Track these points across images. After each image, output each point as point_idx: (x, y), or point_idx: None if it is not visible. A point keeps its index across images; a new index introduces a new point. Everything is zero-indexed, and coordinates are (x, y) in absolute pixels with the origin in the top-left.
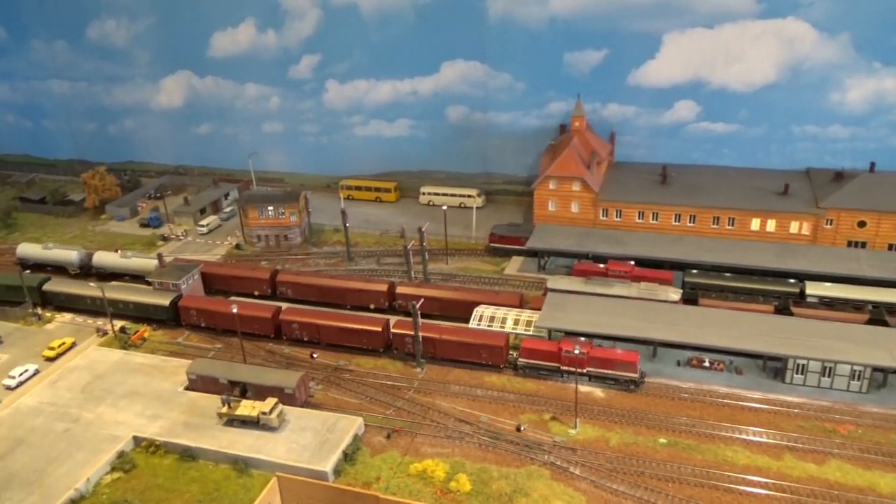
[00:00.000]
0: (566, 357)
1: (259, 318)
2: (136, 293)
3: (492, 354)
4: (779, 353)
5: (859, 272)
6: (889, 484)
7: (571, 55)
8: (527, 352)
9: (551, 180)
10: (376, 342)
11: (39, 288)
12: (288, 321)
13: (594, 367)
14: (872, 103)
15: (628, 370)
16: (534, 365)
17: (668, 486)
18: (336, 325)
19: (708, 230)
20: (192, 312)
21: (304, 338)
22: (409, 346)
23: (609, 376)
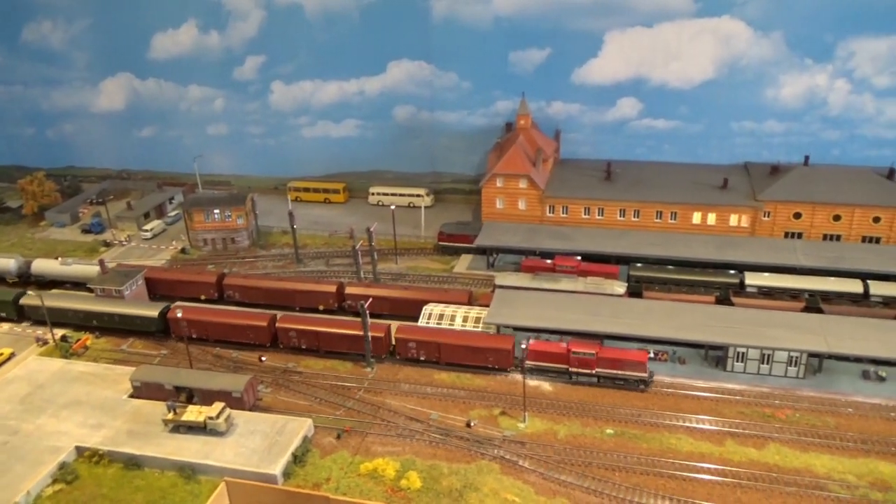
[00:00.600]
0: (575, 358)
1: (254, 327)
2: (122, 305)
3: (498, 358)
4: (719, 342)
5: (795, 262)
6: (824, 464)
7: (516, 54)
8: (534, 354)
9: (498, 178)
10: (378, 348)
11: (15, 302)
12: (285, 329)
13: (603, 368)
14: (805, 99)
15: (638, 370)
16: (542, 368)
17: (614, 476)
18: (335, 332)
19: (652, 224)
20: (182, 324)
21: (301, 346)
22: (412, 350)
23: (618, 377)
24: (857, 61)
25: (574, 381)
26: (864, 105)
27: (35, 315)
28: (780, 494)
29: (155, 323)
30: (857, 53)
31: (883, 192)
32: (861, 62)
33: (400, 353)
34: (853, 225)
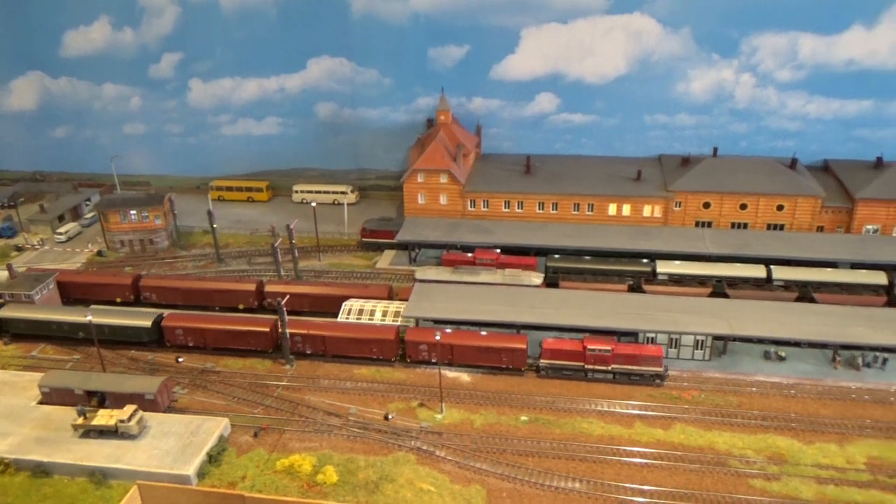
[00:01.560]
0: (591, 356)
1: (255, 333)
2: (113, 315)
3: (513, 358)
4: (629, 328)
5: (704, 250)
6: (726, 441)
7: (435, 50)
8: (549, 352)
9: (419, 174)
10: (388, 351)
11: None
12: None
13: (619, 364)
14: (713, 93)
15: (654, 365)
16: (557, 366)
17: (528, 461)
18: (343, 336)
19: (569, 216)
20: (177, 332)
21: (307, 350)
22: (423, 353)
23: (634, 372)
24: (760, 56)
25: (590, 378)
26: (768, 98)
27: (14, 328)
28: (684, 472)
29: (148, 333)
30: (760, 49)
31: (786, 181)
32: (764, 57)
33: (410, 355)
34: (759, 213)
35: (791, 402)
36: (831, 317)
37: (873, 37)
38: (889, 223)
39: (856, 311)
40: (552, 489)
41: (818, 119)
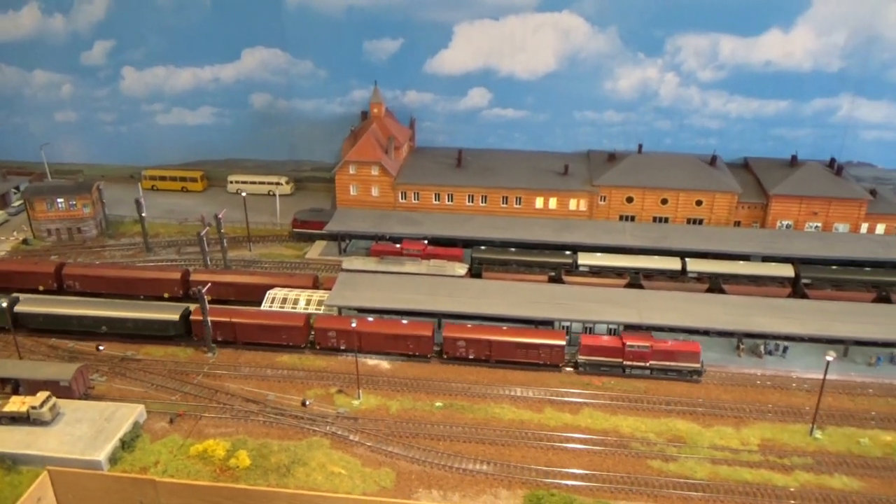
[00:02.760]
0: (630, 352)
1: (289, 328)
2: (138, 309)
3: (551, 354)
4: (546, 316)
5: (624, 242)
6: (630, 425)
7: (370, 43)
8: (587, 349)
9: (351, 165)
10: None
11: (10, 309)
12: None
13: (657, 360)
14: (639, 90)
15: (691, 360)
16: (595, 362)
17: (439, 445)
18: (382, 333)
19: (498, 209)
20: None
21: (340, 346)
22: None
23: (672, 368)
24: (683, 56)
25: (627, 374)
26: (691, 97)
27: (33, 323)
28: (588, 453)
29: (175, 326)
30: (683, 49)
31: (705, 177)
32: (687, 57)
33: (448, 351)
34: (679, 208)
35: (695, 388)
36: (737, 307)
37: (789, 40)
38: (801, 218)
39: (761, 301)
40: (460, 471)
41: (738, 118)
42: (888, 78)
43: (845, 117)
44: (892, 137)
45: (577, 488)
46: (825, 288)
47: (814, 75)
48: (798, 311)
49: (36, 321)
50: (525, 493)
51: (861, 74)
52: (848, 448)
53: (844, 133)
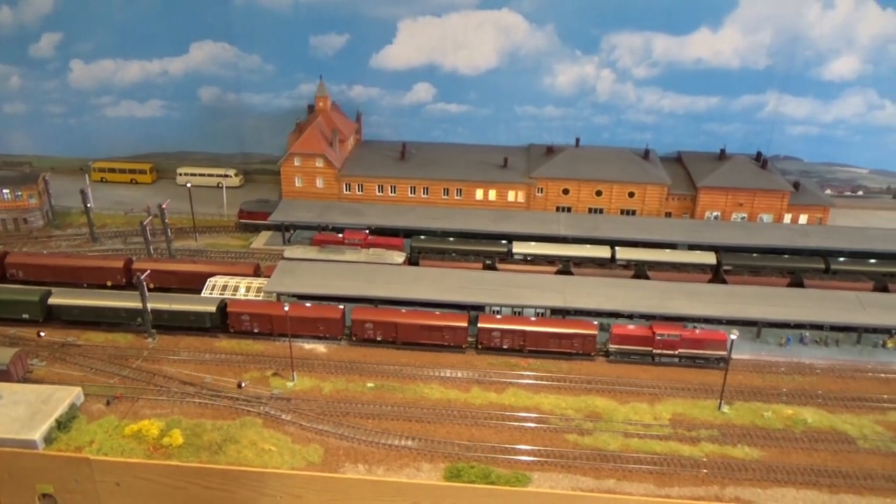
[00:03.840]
0: (660, 341)
1: (326, 320)
2: (173, 301)
3: (584, 343)
4: (476, 301)
5: (557, 232)
6: (551, 402)
7: (316, 38)
8: (618, 338)
9: (295, 157)
10: (459, 338)
11: (42, 302)
12: (360, 321)
13: (686, 349)
14: (577, 86)
15: (719, 348)
16: (626, 350)
17: (367, 423)
18: (417, 323)
19: (440, 201)
20: (243, 318)
21: (377, 337)
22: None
23: (700, 356)
24: (618, 54)
25: (657, 363)
26: (627, 93)
27: (66, 315)
28: (509, 429)
29: (211, 318)
30: (618, 47)
31: (637, 170)
32: (622, 54)
33: (483, 342)
34: (612, 199)
35: (615, 368)
36: (658, 292)
37: (718, 39)
38: (728, 209)
39: (681, 286)
40: (386, 446)
41: (671, 113)
42: (811, 75)
43: (772, 113)
44: (816, 132)
45: (496, 461)
46: (744, 274)
47: (742, 72)
48: (715, 295)
49: (70, 313)
50: (446, 465)
51: (786, 72)
52: (752, 421)
53: (772, 128)
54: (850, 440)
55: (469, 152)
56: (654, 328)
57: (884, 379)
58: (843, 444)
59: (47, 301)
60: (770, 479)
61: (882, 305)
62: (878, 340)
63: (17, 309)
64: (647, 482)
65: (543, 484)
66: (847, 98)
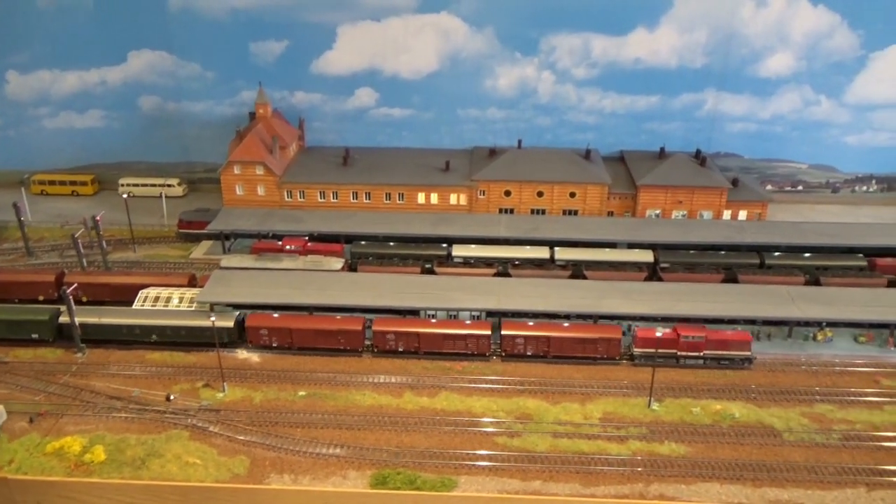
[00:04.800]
0: (685, 343)
1: (346, 332)
2: (191, 317)
3: (608, 347)
4: (410, 306)
5: (498, 234)
6: (483, 405)
7: (256, 45)
8: (642, 341)
9: (235, 165)
10: (483, 346)
11: (53, 321)
12: (382, 332)
13: (711, 350)
14: (519, 88)
15: (743, 349)
16: (650, 354)
17: (296, 432)
18: (437, 332)
19: (382, 205)
20: (261, 332)
21: (398, 348)
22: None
23: (724, 357)
24: (558, 55)
25: (681, 365)
26: (567, 94)
27: None
28: (439, 433)
29: (229, 333)
30: (557, 48)
31: (578, 170)
32: (561, 56)
33: (506, 349)
34: (554, 200)
35: (549, 368)
36: (593, 291)
37: (655, 39)
38: (668, 207)
39: (617, 285)
40: (313, 455)
41: (612, 113)
42: (747, 73)
43: (711, 111)
44: (754, 129)
45: (424, 466)
46: (679, 271)
47: (680, 71)
48: (648, 293)
49: (82, 332)
50: (373, 472)
51: (723, 70)
52: (681, 417)
53: (712, 126)
54: (776, 433)
55: (412, 156)
56: (678, 330)
57: (813, 371)
58: (769, 438)
59: (58, 319)
60: (694, 475)
61: (811, 299)
62: (808, 334)
63: (25, 329)
64: (573, 482)
65: (470, 488)
66: (783, 95)
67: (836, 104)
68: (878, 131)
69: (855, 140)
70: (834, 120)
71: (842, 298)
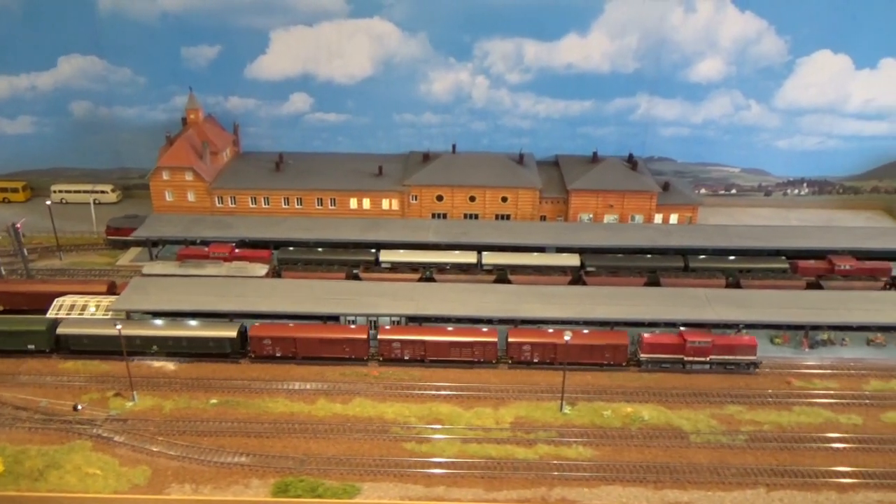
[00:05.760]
0: (691, 348)
1: (352, 341)
2: (191, 327)
3: (615, 354)
4: (331, 312)
5: (426, 239)
6: (395, 411)
7: (188, 50)
8: (649, 346)
9: (164, 171)
10: (489, 354)
11: (51, 332)
12: (388, 340)
13: (718, 355)
14: (453, 93)
15: (749, 354)
16: (656, 359)
17: (202, 441)
18: (446, 340)
19: (314, 211)
20: (265, 342)
21: (405, 356)
22: (527, 354)
23: (730, 362)
24: (491, 60)
25: (688, 370)
26: (502, 99)
27: (76, 345)
28: (347, 440)
29: (232, 343)
30: (490, 53)
31: (511, 175)
32: (495, 61)
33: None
34: (486, 205)
35: (467, 373)
36: (513, 295)
37: (587, 44)
38: (599, 211)
39: (536, 289)
40: (217, 464)
41: (547, 118)
42: (679, 78)
43: (644, 115)
44: (687, 133)
45: (329, 473)
46: (603, 275)
47: (612, 76)
48: (569, 297)
49: (80, 343)
50: (276, 481)
51: (655, 75)
52: (592, 420)
53: (645, 130)
54: (683, 435)
55: (347, 161)
56: (684, 335)
57: (727, 372)
58: (676, 440)
59: (56, 330)
60: (598, 478)
61: (728, 301)
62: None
63: (21, 340)
64: (476, 487)
65: (373, 494)
66: (715, 99)
67: (766, 109)
68: (808, 135)
69: (785, 144)
70: (764, 124)
71: (759, 300)
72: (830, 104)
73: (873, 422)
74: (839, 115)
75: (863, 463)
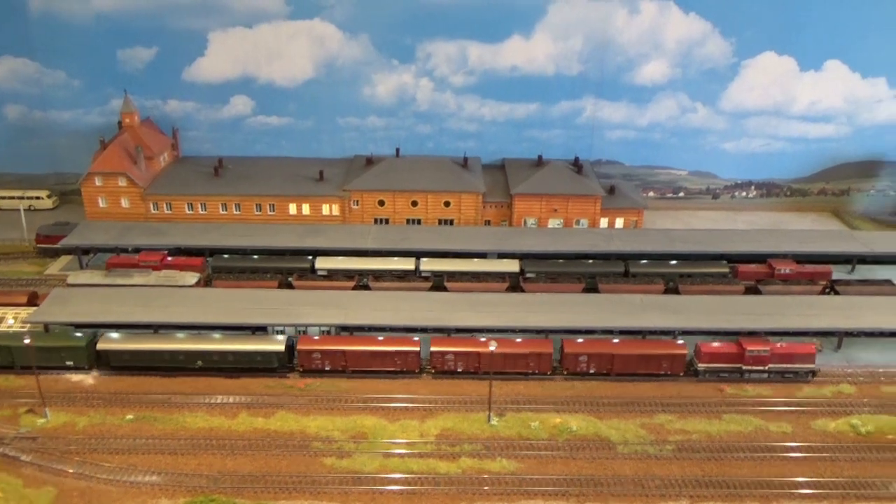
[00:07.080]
0: (750, 357)
1: (403, 353)
2: (238, 341)
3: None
4: (258, 322)
5: (364, 246)
6: (318, 425)
7: (124, 52)
8: (707, 356)
9: (96, 176)
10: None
11: (90, 347)
12: (441, 353)
13: (776, 363)
14: (397, 96)
15: (808, 362)
16: (715, 369)
17: (114, 459)
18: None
19: (253, 216)
20: (314, 356)
21: (457, 369)
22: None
23: (789, 370)
24: (435, 62)
25: (746, 379)
26: (446, 101)
27: (117, 360)
28: (265, 456)
29: (279, 357)
30: (434, 55)
31: (454, 179)
32: (438, 63)
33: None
34: (429, 209)
35: (394, 384)
36: (446, 304)
37: (530, 46)
38: (544, 215)
39: (470, 297)
40: (126, 484)
41: (493, 121)
42: (624, 80)
43: (590, 118)
44: (633, 136)
45: (243, 491)
46: (543, 281)
47: (557, 79)
48: (504, 304)
49: (121, 359)
50: (186, 500)
51: (600, 78)
52: (519, 432)
53: (592, 133)
54: (610, 446)
55: (289, 166)
56: (743, 344)
57: (658, 381)
58: (603, 451)
59: (95, 346)
60: (520, 492)
61: (664, 307)
62: None
63: (59, 356)
64: (395, 503)
65: None
66: (660, 102)
67: (712, 111)
68: (753, 138)
69: (732, 147)
70: (711, 127)
71: (694, 306)
72: (776, 106)
73: (803, 430)
74: (785, 118)
75: (789, 472)
